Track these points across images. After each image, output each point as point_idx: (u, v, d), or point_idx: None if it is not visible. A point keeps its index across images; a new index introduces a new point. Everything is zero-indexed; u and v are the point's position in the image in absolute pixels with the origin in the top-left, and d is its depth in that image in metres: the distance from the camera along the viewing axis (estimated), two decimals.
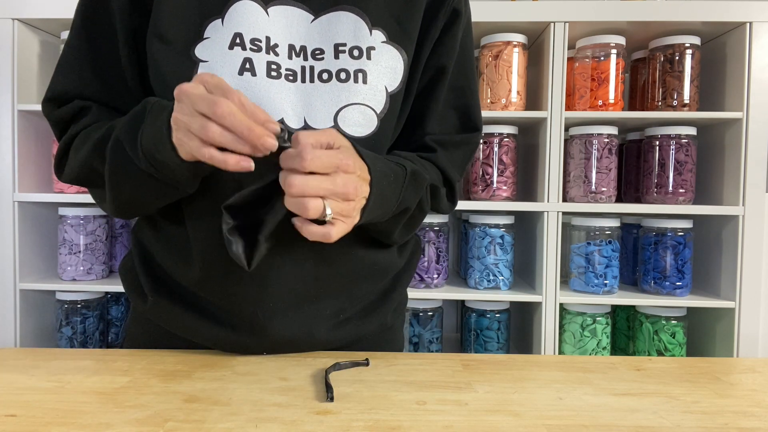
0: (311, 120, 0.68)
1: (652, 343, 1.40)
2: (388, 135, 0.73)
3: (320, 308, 0.73)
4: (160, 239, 0.74)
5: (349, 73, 0.68)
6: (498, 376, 0.69)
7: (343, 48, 0.69)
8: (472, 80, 0.79)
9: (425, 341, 1.45)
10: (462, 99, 0.78)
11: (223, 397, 0.60)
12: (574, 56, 1.43)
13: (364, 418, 0.55)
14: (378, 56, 0.70)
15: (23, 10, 1.37)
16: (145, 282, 0.74)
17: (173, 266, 0.73)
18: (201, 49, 0.66)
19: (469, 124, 0.80)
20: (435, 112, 0.77)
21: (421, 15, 0.73)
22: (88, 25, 0.70)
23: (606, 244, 1.38)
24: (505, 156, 1.41)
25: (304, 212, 0.56)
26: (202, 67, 0.65)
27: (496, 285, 1.42)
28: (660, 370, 0.72)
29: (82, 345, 1.45)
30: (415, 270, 0.85)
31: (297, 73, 0.68)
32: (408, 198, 0.69)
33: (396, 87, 0.71)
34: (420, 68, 0.74)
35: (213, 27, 0.66)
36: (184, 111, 0.55)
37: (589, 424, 0.55)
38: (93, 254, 1.46)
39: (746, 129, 1.33)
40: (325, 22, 0.69)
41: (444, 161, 0.77)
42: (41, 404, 0.57)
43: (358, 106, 0.69)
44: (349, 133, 0.68)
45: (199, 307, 0.73)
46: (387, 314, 0.79)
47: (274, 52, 0.67)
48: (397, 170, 0.67)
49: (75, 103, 0.71)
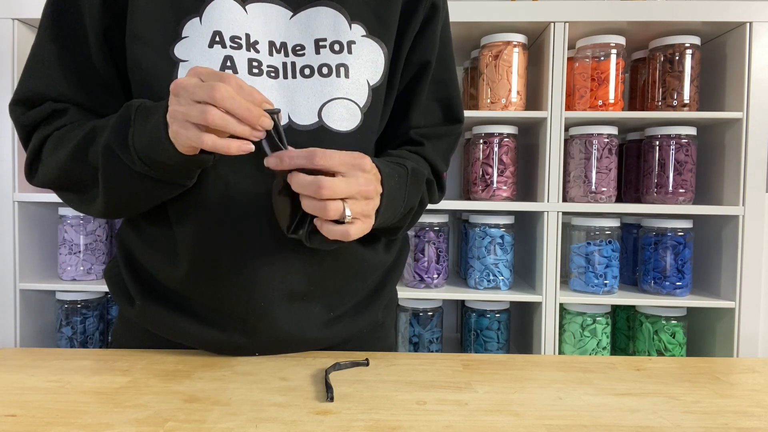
0: (295, 116, 0.68)
1: (652, 343, 1.40)
2: (373, 129, 0.73)
3: (311, 307, 0.73)
4: (145, 242, 0.73)
5: (331, 68, 0.69)
6: (498, 376, 0.69)
7: (323, 43, 0.69)
8: (453, 73, 0.81)
9: (425, 341, 1.45)
10: (444, 91, 0.80)
11: (223, 397, 0.60)
12: (574, 56, 1.43)
13: (364, 418, 0.55)
14: (359, 50, 0.70)
15: (23, 10, 1.37)
16: (132, 286, 0.74)
17: (159, 269, 0.72)
18: (180, 49, 0.66)
19: (451, 116, 0.81)
20: (419, 105, 0.78)
21: (399, 9, 0.73)
22: (57, 25, 0.69)
23: (606, 244, 1.38)
24: (505, 156, 1.41)
25: (325, 214, 0.57)
26: (183, 67, 0.65)
27: (496, 285, 1.42)
28: (660, 370, 0.72)
29: (82, 345, 1.45)
30: (404, 266, 0.86)
31: (279, 69, 0.68)
32: (412, 196, 0.70)
33: (378, 80, 0.71)
34: (401, 62, 0.75)
35: (191, 26, 0.66)
36: (181, 102, 0.55)
37: (589, 424, 0.55)
38: (93, 254, 1.46)
39: (746, 129, 1.33)
40: (304, 18, 0.69)
41: (431, 153, 0.78)
42: (41, 404, 0.57)
43: (342, 101, 0.69)
44: (334, 127, 0.69)
45: (188, 309, 0.72)
46: (378, 311, 0.80)
47: (255, 49, 0.67)
48: (399, 170, 0.67)
49: (47, 105, 0.69)
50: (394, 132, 0.79)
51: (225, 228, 0.68)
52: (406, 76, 0.77)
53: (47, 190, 1.45)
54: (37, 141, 0.69)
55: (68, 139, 0.66)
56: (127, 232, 0.76)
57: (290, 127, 0.67)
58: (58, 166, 0.67)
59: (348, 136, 0.69)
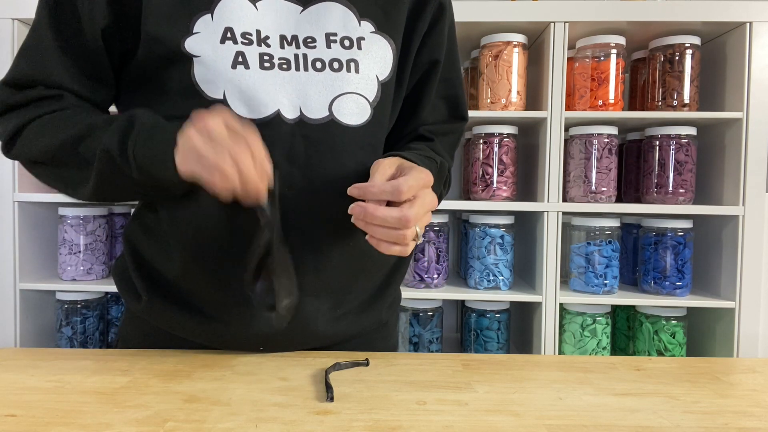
0: (306, 109, 0.68)
1: (652, 343, 1.40)
2: (383, 124, 0.74)
3: (317, 302, 0.73)
4: (151, 240, 0.74)
5: (341, 63, 0.70)
6: (498, 376, 0.69)
7: (334, 38, 0.70)
8: (459, 71, 0.83)
9: (425, 341, 1.45)
10: (451, 90, 0.82)
11: (223, 397, 0.60)
12: (574, 56, 1.43)
13: (364, 418, 0.55)
14: (368, 46, 0.71)
15: (23, 10, 1.37)
16: (139, 282, 0.74)
17: (166, 266, 0.73)
18: (191, 44, 0.66)
19: (457, 114, 0.83)
20: (428, 103, 0.80)
21: (407, 8, 0.75)
22: (54, 14, 0.68)
23: (606, 244, 1.38)
24: (505, 156, 1.41)
25: (404, 241, 0.60)
26: (195, 62, 0.66)
27: (496, 285, 1.42)
28: (660, 370, 0.72)
29: (82, 345, 1.45)
30: (408, 267, 0.86)
31: (290, 61, 0.69)
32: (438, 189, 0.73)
33: (387, 76, 0.73)
34: (410, 60, 0.76)
35: (203, 22, 0.67)
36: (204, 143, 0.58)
37: (589, 424, 0.55)
38: (93, 254, 1.46)
39: (746, 129, 1.33)
40: (314, 13, 0.71)
41: (440, 149, 0.80)
42: (41, 404, 0.57)
43: (352, 95, 0.70)
44: (345, 122, 0.70)
45: (192, 304, 0.73)
46: (382, 310, 0.80)
47: (266, 44, 0.68)
48: (430, 165, 0.70)
49: (38, 89, 0.69)
50: (403, 128, 0.81)
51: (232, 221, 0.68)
52: (416, 75, 0.78)
53: (48, 190, 1.47)
54: (22, 119, 0.69)
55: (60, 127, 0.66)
56: (136, 231, 0.77)
57: (301, 120, 0.68)
58: (44, 149, 0.67)
59: (358, 130, 0.70)
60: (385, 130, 0.76)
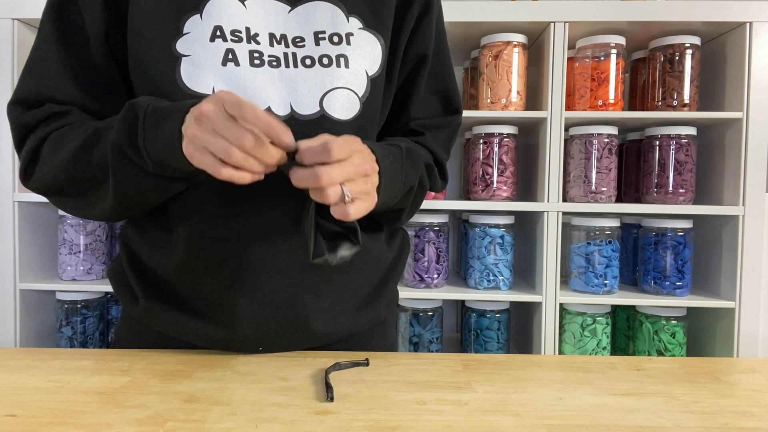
0: (297, 106, 0.69)
1: (652, 343, 1.40)
2: (373, 119, 0.74)
3: (315, 300, 0.73)
4: (147, 241, 0.74)
5: (331, 58, 0.70)
6: (498, 376, 0.69)
7: (322, 35, 0.71)
8: (449, 65, 0.83)
9: (425, 341, 1.45)
10: (442, 84, 0.82)
11: (223, 397, 0.60)
12: (574, 56, 1.43)
13: (364, 418, 0.55)
14: (357, 42, 0.72)
15: (23, 10, 1.37)
16: (136, 284, 0.74)
17: (162, 267, 0.73)
18: (182, 44, 0.67)
19: (450, 107, 0.83)
20: (418, 98, 0.80)
21: (394, 4, 0.75)
22: (58, 26, 0.69)
23: (606, 244, 1.38)
24: (505, 156, 1.41)
25: (326, 199, 0.58)
26: (185, 62, 0.66)
27: (496, 285, 1.42)
28: (660, 370, 0.72)
29: (82, 345, 1.45)
30: (404, 265, 0.86)
31: (280, 59, 0.69)
32: (409, 175, 0.71)
33: (376, 71, 0.73)
34: (399, 55, 0.77)
35: (192, 22, 0.67)
36: (203, 130, 0.56)
37: (589, 424, 0.55)
38: (93, 254, 1.46)
39: (746, 129, 1.33)
40: (302, 12, 0.71)
41: (432, 143, 0.80)
42: (41, 404, 0.57)
43: (342, 90, 0.70)
44: (335, 116, 0.70)
45: (191, 306, 0.73)
46: (380, 309, 0.80)
47: (255, 41, 0.68)
48: (393, 150, 0.69)
49: (47, 106, 0.69)
50: (394, 124, 0.81)
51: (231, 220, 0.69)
52: (405, 70, 0.79)
53: None
54: (35, 141, 0.69)
55: (69, 138, 0.66)
56: (129, 230, 0.76)
57: (292, 117, 0.68)
58: (59, 167, 0.67)
59: (348, 124, 0.71)
60: (376, 126, 0.76)
